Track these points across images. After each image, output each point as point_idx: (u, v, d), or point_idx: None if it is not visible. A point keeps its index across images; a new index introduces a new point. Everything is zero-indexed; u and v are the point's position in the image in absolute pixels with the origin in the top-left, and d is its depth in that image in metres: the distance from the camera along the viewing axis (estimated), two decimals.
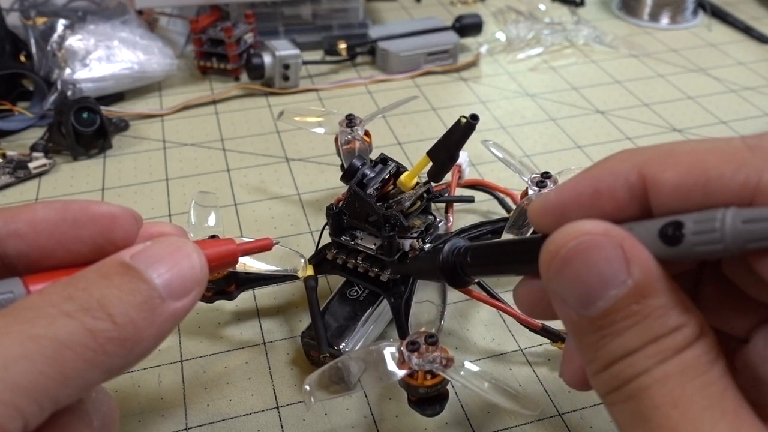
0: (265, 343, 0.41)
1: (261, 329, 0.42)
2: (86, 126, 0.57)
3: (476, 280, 0.27)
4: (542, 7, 0.87)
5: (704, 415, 0.18)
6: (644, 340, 0.19)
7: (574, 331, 0.20)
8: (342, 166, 0.46)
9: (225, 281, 0.39)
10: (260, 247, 0.27)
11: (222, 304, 0.42)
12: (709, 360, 0.19)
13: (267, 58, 0.66)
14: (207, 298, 0.39)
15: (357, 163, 0.38)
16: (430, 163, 0.37)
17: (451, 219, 0.45)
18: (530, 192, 0.40)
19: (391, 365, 0.30)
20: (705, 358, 0.19)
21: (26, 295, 0.20)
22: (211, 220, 0.40)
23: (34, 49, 0.63)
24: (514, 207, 0.46)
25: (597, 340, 0.20)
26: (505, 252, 0.26)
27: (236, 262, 0.25)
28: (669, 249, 0.19)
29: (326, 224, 0.40)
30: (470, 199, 0.49)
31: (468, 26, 0.76)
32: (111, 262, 0.20)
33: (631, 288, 0.19)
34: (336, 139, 0.46)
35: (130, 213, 0.23)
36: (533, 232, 0.40)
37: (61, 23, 0.63)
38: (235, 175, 0.56)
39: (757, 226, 0.17)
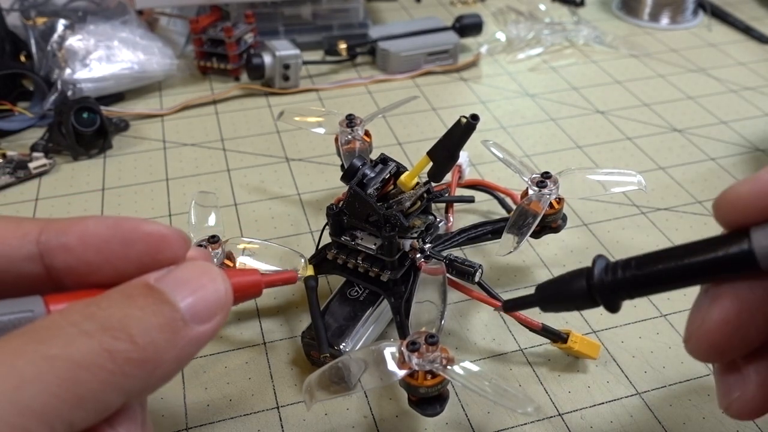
0: (265, 343, 0.41)
1: (261, 329, 0.42)
2: (86, 126, 0.57)
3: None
4: (542, 7, 0.87)
5: None
6: None
7: None
8: (342, 166, 0.46)
9: None
10: (285, 280, 0.27)
11: None
12: None
13: (267, 58, 0.66)
14: None
15: (357, 163, 0.38)
16: (430, 163, 0.37)
17: (451, 219, 0.45)
18: (530, 192, 0.40)
19: (392, 365, 0.30)
20: None
21: (46, 314, 0.20)
22: (211, 220, 0.40)
23: (34, 49, 0.63)
24: (514, 207, 0.46)
25: None
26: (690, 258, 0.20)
27: (260, 293, 0.25)
28: None
29: (326, 224, 0.40)
30: (470, 199, 0.49)
31: (468, 26, 0.76)
32: (136, 283, 0.20)
33: None
34: (336, 139, 0.46)
35: (180, 234, 0.22)
36: (533, 233, 0.40)
37: (61, 23, 0.63)
38: (235, 175, 0.56)
39: None
